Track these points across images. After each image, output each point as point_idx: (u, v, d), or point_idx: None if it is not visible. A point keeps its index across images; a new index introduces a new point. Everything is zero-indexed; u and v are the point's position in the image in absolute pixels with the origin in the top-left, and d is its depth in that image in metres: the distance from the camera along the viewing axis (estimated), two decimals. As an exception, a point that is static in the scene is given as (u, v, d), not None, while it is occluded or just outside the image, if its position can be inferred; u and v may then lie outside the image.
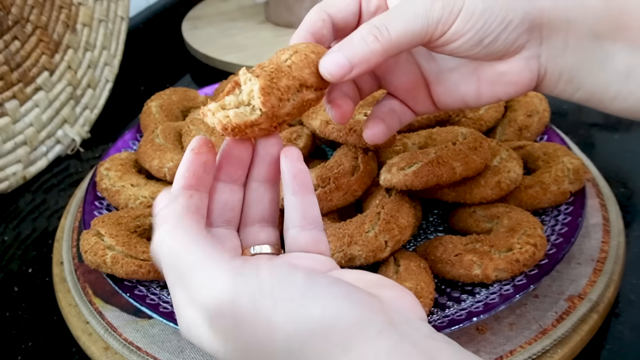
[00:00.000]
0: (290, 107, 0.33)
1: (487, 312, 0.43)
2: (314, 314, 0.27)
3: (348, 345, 0.26)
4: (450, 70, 0.40)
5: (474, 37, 0.35)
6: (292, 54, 0.34)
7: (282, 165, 0.33)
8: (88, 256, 0.48)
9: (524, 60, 0.37)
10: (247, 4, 1.08)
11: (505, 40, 0.36)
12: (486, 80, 0.39)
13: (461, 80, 0.39)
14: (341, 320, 0.26)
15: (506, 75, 0.38)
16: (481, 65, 0.38)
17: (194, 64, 0.96)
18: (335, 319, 0.26)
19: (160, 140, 0.59)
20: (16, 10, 0.71)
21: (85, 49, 0.80)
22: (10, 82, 0.70)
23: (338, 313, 0.27)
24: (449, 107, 0.41)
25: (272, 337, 0.27)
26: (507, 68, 0.37)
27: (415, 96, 0.41)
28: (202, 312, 0.28)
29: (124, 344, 0.47)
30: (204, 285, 0.28)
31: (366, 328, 0.26)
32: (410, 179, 0.48)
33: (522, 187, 0.53)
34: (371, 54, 0.34)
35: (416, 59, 0.41)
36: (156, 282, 0.50)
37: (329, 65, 0.34)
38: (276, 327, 0.27)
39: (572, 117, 0.75)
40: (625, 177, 0.63)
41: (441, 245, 0.48)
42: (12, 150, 0.70)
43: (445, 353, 0.27)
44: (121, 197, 0.56)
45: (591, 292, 0.48)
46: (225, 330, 0.28)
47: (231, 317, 0.27)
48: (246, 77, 0.32)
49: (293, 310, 0.27)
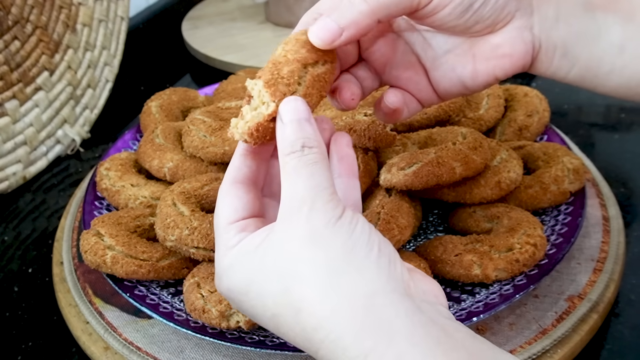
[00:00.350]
0: (304, 89, 0.33)
1: (487, 312, 0.43)
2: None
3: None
4: (446, 52, 0.40)
5: (463, 1, 0.36)
6: (283, 46, 0.34)
7: (330, 149, 0.36)
8: (88, 256, 0.48)
9: (517, 30, 0.37)
10: (247, 4, 1.08)
11: (495, 4, 0.36)
12: (481, 56, 0.39)
13: (457, 62, 0.40)
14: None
15: (500, 47, 0.38)
16: (475, 43, 0.39)
17: (194, 64, 0.96)
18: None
19: (160, 140, 0.59)
20: (16, 10, 0.71)
21: (85, 49, 0.80)
22: (10, 82, 0.70)
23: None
24: (448, 92, 0.41)
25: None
26: (500, 40, 0.38)
27: (417, 85, 0.42)
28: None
29: (124, 344, 0.47)
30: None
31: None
32: (410, 179, 0.48)
33: (522, 187, 0.53)
34: (359, 15, 0.34)
35: (413, 48, 0.41)
36: (156, 282, 0.50)
37: (318, 30, 0.34)
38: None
39: (572, 117, 0.75)
40: (625, 177, 0.63)
41: (441, 245, 0.48)
42: (12, 150, 0.70)
43: (461, 334, 0.28)
44: (121, 197, 0.56)
45: (591, 292, 0.48)
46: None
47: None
48: (252, 84, 0.33)
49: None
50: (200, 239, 0.46)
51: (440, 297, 0.32)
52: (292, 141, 0.31)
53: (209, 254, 0.46)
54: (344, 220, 0.30)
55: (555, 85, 0.80)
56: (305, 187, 0.30)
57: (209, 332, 0.44)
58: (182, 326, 0.45)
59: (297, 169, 0.31)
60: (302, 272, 0.29)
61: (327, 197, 0.30)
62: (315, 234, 0.30)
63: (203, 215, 0.48)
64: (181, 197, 0.49)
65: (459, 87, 0.40)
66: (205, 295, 0.44)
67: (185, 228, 0.46)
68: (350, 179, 0.36)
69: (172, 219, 0.47)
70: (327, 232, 0.30)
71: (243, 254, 0.32)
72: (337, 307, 0.28)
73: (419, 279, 0.31)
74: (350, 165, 0.36)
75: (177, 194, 0.50)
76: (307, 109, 0.32)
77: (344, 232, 0.30)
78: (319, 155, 0.32)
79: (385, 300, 0.29)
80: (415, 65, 0.41)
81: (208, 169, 0.57)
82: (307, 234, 0.30)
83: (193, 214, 0.47)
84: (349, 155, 0.36)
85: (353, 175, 0.36)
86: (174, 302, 0.48)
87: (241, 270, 0.32)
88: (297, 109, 0.32)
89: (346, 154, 0.36)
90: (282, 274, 0.30)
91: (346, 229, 0.30)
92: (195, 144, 0.56)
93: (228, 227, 0.34)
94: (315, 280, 0.29)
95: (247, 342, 0.43)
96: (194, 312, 0.44)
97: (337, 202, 0.31)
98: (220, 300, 0.43)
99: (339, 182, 0.36)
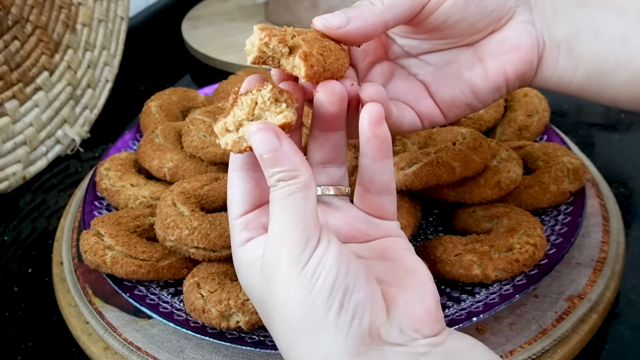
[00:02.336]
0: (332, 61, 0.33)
1: (487, 312, 0.43)
2: None
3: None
4: (448, 63, 0.40)
5: None
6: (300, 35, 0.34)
7: (360, 124, 0.34)
8: (88, 256, 0.48)
9: (520, 24, 0.38)
10: (247, 4, 1.08)
11: None
12: (488, 54, 0.39)
13: (463, 68, 0.39)
14: None
15: (506, 40, 0.38)
16: (479, 47, 0.39)
17: (194, 64, 0.96)
18: None
19: (160, 140, 0.59)
20: (16, 10, 0.71)
21: (85, 49, 0.80)
22: (10, 82, 0.70)
23: None
24: (454, 104, 0.40)
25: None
26: (506, 34, 0.38)
27: (417, 98, 0.41)
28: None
29: (123, 344, 0.47)
30: None
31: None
32: (410, 179, 0.48)
33: (522, 187, 0.53)
34: (367, 10, 0.35)
35: (410, 70, 0.41)
36: (156, 282, 0.50)
37: (324, 17, 0.35)
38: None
39: (572, 117, 0.75)
40: (625, 177, 0.63)
41: (441, 245, 0.48)
42: (11, 150, 0.70)
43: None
44: (121, 197, 0.56)
45: (591, 292, 0.48)
46: None
47: None
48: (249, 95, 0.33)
49: None
50: (200, 239, 0.46)
51: (421, 325, 0.31)
52: (268, 177, 0.31)
53: (209, 254, 0.46)
54: (306, 273, 0.29)
55: (555, 85, 0.80)
56: (278, 227, 0.30)
57: (209, 332, 0.44)
58: (182, 326, 0.45)
59: (273, 204, 0.31)
60: (273, 316, 0.31)
61: (295, 239, 0.30)
62: (281, 282, 0.30)
63: (203, 215, 0.48)
64: (181, 197, 0.49)
65: (467, 95, 0.39)
66: (205, 295, 0.44)
67: (185, 228, 0.46)
68: (378, 162, 0.34)
69: (172, 219, 0.47)
70: (290, 285, 0.30)
71: (246, 262, 0.34)
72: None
73: (401, 311, 0.31)
74: (380, 145, 0.34)
75: (177, 194, 0.50)
76: (274, 138, 0.31)
77: (304, 289, 0.29)
78: (293, 186, 0.30)
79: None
80: (414, 82, 0.41)
81: (208, 169, 0.57)
82: (276, 278, 0.30)
83: (193, 214, 0.47)
84: (377, 136, 0.34)
85: (384, 156, 0.34)
86: (173, 302, 0.48)
87: (246, 274, 0.34)
88: (264, 141, 0.30)
89: (374, 135, 0.34)
90: (266, 300, 0.32)
91: (306, 284, 0.29)
92: (195, 144, 0.56)
93: (234, 223, 0.35)
94: (279, 332, 0.31)
95: (247, 342, 0.43)
96: (194, 312, 0.44)
97: (306, 242, 0.30)
98: (220, 300, 0.43)
99: (364, 164, 0.35)
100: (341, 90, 0.33)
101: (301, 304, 0.29)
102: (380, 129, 0.34)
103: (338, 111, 0.34)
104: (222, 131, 0.33)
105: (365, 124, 0.33)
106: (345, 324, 0.29)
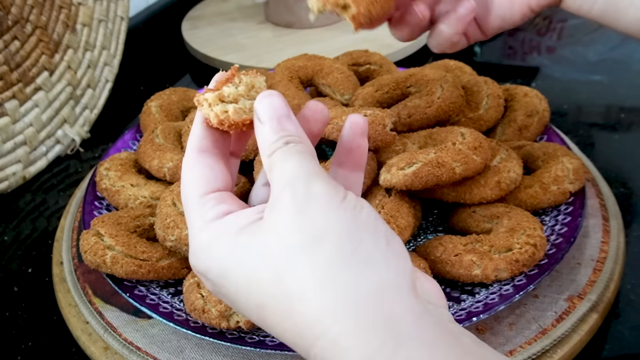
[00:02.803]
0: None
1: (487, 312, 0.43)
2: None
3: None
4: None
5: None
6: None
7: (342, 135, 0.33)
8: (88, 256, 0.48)
9: None
10: (247, 4, 1.08)
11: None
12: None
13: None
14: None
15: None
16: None
17: (194, 64, 0.96)
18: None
19: (160, 140, 0.59)
20: (16, 10, 0.71)
21: (85, 49, 0.80)
22: (10, 82, 0.70)
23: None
24: (490, 25, 0.47)
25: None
26: None
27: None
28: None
29: (123, 344, 0.47)
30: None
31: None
32: (410, 179, 0.48)
33: (522, 187, 0.53)
34: None
35: None
36: (156, 282, 0.50)
37: None
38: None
39: (572, 117, 0.75)
40: (625, 177, 0.63)
41: (441, 245, 0.48)
42: (11, 150, 0.70)
43: (468, 339, 0.26)
44: (121, 197, 0.56)
45: (591, 292, 0.48)
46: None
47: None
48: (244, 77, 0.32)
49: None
50: (200, 239, 0.46)
51: (441, 300, 0.29)
52: (273, 141, 0.29)
53: (209, 254, 0.46)
54: (348, 204, 0.27)
55: (555, 85, 0.80)
56: (297, 169, 0.28)
57: (209, 332, 0.44)
58: (182, 326, 0.45)
59: (285, 156, 0.28)
60: (298, 260, 0.26)
61: (327, 177, 0.28)
62: (314, 218, 0.26)
63: (203, 215, 0.48)
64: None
65: (499, 20, 0.46)
66: (205, 295, 0.44)
67: (185, 228, 0.46)
68: (353, 173, 0.33)
69: (172, 219, 0.47)
70: (329, 216, 0.26)
71: (225, 232, 0.29)
72: (339, 301, 0.25)
73: (421, 279, 0.28)
74: (359, 158, 0.33)
75: (177, 194, 0.50)
76: (284, 105, 0.30)
77: (349, 216, 0.27)
78: (306, 147, 0.29)
79: (394, 296, 0.25)
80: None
81: (208, 169, 0.56)
82: (305, 218, 0.26)
83: (193, 214, 0.47)
84: (359, 147, 0.33)
85: (359, 168, 0.33)
86: (173, 302, 0.48)
87: (222, 249, 0.28)
88: (273, 105, 0.30)
89: (357, 145, 0.33)
90: (273, 261, 0.26)
91: (350, 213, 0.27)
92: (195, 144, 0.56)
93: (204, 199, 0.30)
94: (314, 270, 0.26)
95: (247, 342, 0.43)
96: (194, 312, 0.44)
97: (337, 184, 0.28)
98: (220, 300, 0.43)
99: (340, 173, 0.33)
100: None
101: (349, 232, 0.26)
102: (365, 139, 0.33)
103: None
104: (216, 100, 0.31)
105: (350, 134, 0.33)
106: (394, 258, 0.27)
